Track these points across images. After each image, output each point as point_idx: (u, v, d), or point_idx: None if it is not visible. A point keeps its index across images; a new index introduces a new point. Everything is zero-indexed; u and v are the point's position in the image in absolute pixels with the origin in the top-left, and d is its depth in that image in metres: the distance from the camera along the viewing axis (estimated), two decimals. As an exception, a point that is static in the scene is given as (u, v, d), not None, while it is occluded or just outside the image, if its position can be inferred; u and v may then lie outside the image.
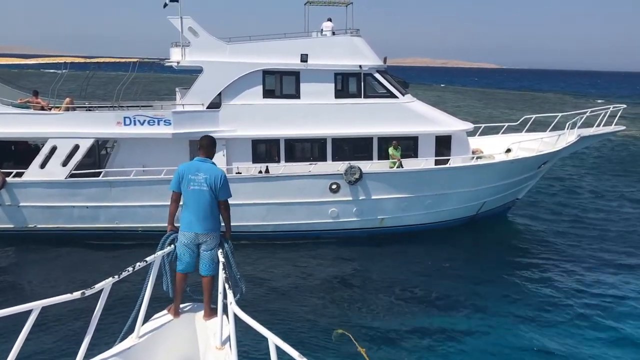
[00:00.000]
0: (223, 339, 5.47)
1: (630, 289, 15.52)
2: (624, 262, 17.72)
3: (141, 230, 17.93)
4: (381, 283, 15.57)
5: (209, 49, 18.11)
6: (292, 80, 18.57)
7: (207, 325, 6.03)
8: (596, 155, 37.46)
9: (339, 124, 18.64)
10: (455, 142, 19.52)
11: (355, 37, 19.03)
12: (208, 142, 6.46)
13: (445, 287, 15.32)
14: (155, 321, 6.01)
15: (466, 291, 15.09)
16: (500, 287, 15.48)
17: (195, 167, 6.23)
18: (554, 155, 20.22)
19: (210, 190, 6.14)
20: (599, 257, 18.03)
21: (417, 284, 15.49)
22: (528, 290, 15.30)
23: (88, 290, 4.65)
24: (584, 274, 16.54)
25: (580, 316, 13.69)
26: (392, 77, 19.94)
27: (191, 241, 6.19)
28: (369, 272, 16.45)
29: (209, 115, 18.08)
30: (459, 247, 18.70)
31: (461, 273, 16.45)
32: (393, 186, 18.41)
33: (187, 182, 6.15)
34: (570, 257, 17.96)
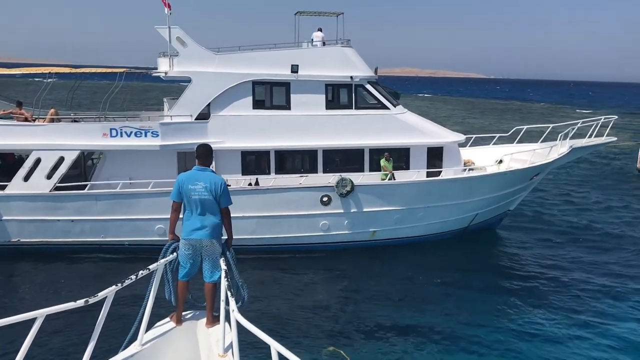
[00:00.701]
0: (225, 347, 5.50)
1: (624, 302, 15.40)
2: (616, 271, 17.70)
3: (128, 244, 17.53)
4: (372, 297, 15.27)
5: (198, 60, 17.81)
6: (283, 91, 18.31)
7: (209, 332, 6.06)
8: (585, 165, 37.55)
9: (329, 136, 18.39)
10: (447, 154, 19.34)
11: (346, 47, 18.83)
12: (204, 150, 6.48)
13: (437, 302, 15.09)
14: (158, 329, 6.05)
15: (458, 305, 14.86)
16: (492, 301, 15.25)
17: (194, 177, 6.28)
18: (547, 166, 20.10)
19: (211, 199, 6.21)
20: (591, 268, 17.99)
21: (408, 299, 15.22)
22: (521, 304, 15.07)
23: (91, 299, 4.65)
24: (576, 285, 16.43)
25: (572, 327, 13.64)
26: (384, 88, 19.76)
27: (193, 249, 6.24)
28: (360, 286, 16.13)
29: (197, 126, 17.75)
30: (451, 260, 18.43)
31: (453, 287, 16.16)
32: (385, 198, 18.15)
33: (187, 192, 6.21)
34: (561, 269, 17.84)
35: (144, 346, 5.60)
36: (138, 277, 5.37)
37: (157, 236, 17.47)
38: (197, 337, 6.10)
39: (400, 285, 16.19)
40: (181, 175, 6.42)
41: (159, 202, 17.13)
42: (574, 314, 14.46)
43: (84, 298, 4.62)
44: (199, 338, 6.08)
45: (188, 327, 6.24)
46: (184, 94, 17.89)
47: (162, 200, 17.10)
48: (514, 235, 21.58)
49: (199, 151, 6.48)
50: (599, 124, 21.50)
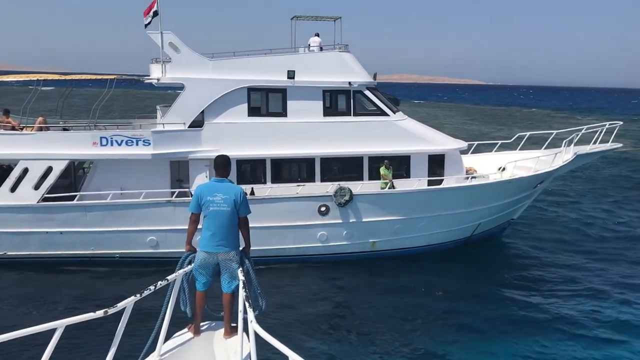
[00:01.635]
0: (244, 358, 5.45)
1: (628, 309, 15.01)
2: (619, 280, 17.24)
3: (119, 257, 16.93)
4: (373, 311, 14.71)
5: (191, 65, 17.27)
6: (279, 98, 17.76)
7: (227, 343, 6.03)
8: (587, 171, 37.00)
9: (327, 143, 17.82)
10: (449, 162, 18.77)
11: (344, 52, 18.30)
12: (222, 161, 6.49)
13: (439, 314, 14.55)
14: (176, 339, 6.06)
15: (461, 318, 14.33)
16: (497, 313, 14.70)
17: (213, 188, 6.28)
18: (551, 174, 19.53)
19: (230, 210, 6.18)
20: (596, 277, 17.58)
21: (410, 311, 14.63)
22: (525, 315, 14.59)
23: (111, 309, 4.66)
24: (582, 296, 16.02)
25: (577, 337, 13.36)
26: (383, 94, 19.22)
27: (210, 260, 6.23)
28: (360, 299, 15.54)
29: (190, 134, 17.18)
30: (453, 271, 17.83)
31: (455, 299, 15.61)
32: (385, 208, 17.56)
33: (206, 204, 6.19)
34: (569, 280, 17.29)
35: (162, 357, 5.61)
36: (157, 288, 5.36)
37: (149, 248, 16.88)
38: (215, 348, 6.02)
39: (402, 297, 15.59)
40: (200, 186, 6.42)
41: (151, 213, 16.55)
42: (583, 327, 13.98)
43: (104, 309, 4.61)
44: (217, 349, 6.00)
45: (206, 338, 6.21)
46: (176, 101, 17.33)
47: (154, 211, 16.54)
48: (518, 245, 21.02)
49: (217, 162, 6.49)
50: (604, 130, 20.96)
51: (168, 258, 16.81)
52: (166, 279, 5.67)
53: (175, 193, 16.71)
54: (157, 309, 5.79)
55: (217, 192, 6.23)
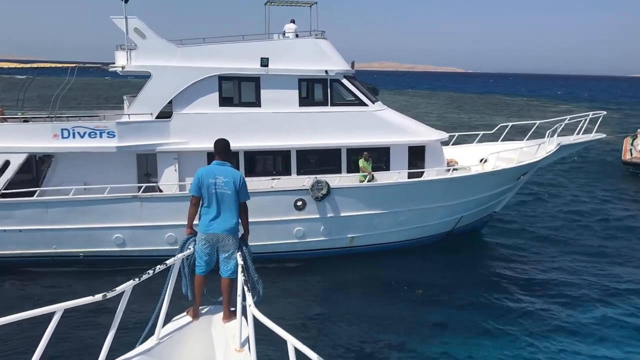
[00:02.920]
0: (242, 341, 5.50)
1: (611, 302, 14.80)
2: (601, 272, 17.04)
3: (83, 256, 16.00)
4: (351, 309, 14.08)
5: (158, 53, 16.28)
6: (252, 87, 16.87)
7: (226, 327, 6.07)
8: (569, 161, 36.76)
9: (304, 135, 17.01)
10: (430, 153, 18.11)
11: (320, 39, 17.44)
12: (223, 145, 6.52)
13: (421, 312, 14.01)
14: (175, 323, 6.07)
15: (444, 315, 13.83)
16: (481, 310, 14.19)
17: (214, 171, 6.33)
18: (534, 165, 19.00)
19: (230, 193, 6.23)
20: (578, 268, 17.31)
21: (390, 310, 14.03)
22: (509, 311, 14.15)
23: (109, 293, 4.67)
24: (563, 289, 15.66)
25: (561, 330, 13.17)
26: (361, 84, 18.44)
27: (210, 243, 6.23)
28: (338, 297, 14.88)
29: (158, 125, 16.25)
30: (435, 267, 17.21)
31: (438, 296, 15.02)
32: (364, 202, 16.85)
33: (207, 187, 6.23)
34: (551, 272, 17.00)
35: (161, 340, 5.61)
36: (155, 272, 5.34)
37: (115, 246, 15.98)
38: (213, 332, 6.07)
39: (382, 295, 14.97)
40: (200, 169, 6.42)
41: (117, 209, 15.63)
42: (566, 323, 13.63)
43: (103, 292, 4.62)
44: (216, 333, 6.05)
45: (205, 322, 6.23)
46: (142, 90, 16.34)
47: (120, 207, 15.63)
48: (500, 238, 20.51)
49: (217, 146, 6.50)
50: (587, 120, 20.51)
51: (135, 257, 15.99)
52: (165, 263, 5.64)
53: (142, 188, 15.80)
54: (156, 293, 5.77)
55: (218, 174, 6.27)
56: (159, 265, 5.54)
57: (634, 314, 14.12)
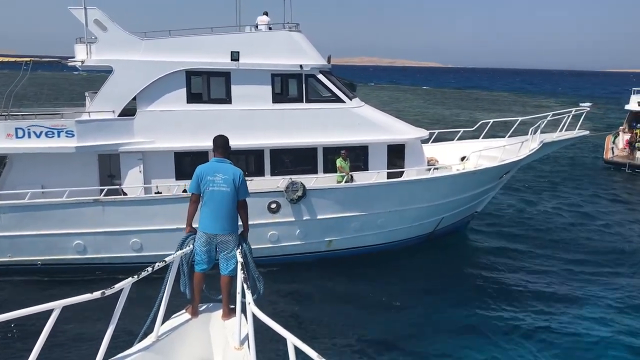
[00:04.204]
0: (241, 339, 5.48)
1: (595, 302, 14.54)
2: (585, 272, 16.79)
3: (41, 264, 14.92)
4: (327, 316, 13.40)
5: (120, 46, 15.23)
6: (222, 82, 15.91)
7: (225, 325, 6.03)
8: (550, 159, 36.42)
9: (278, 133, 16.11)
10: (409, 152, 17.34)
11: (294, 32, 16.51)
12: (223, 141, 6.45)
13: (399, 318, 13.46)
14: (174, 321, 6.01)
15: (424, 321, 13.32)
16: (462, 314, 13.69)
17: (213, 168, 6.25)
18: (517, 164, 18.35)
19: (229, 190, 6.14)
20: (561, 268, 16.99)
21: (367, 317, 13.36)
22: (490, 319, 13.53)
23: (108, 290, 4.62)
24: (545, 288, 15.43)
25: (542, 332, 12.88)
26: (338, 79, 17.58)
27: (209, 241, 6.19)
28: (315, 305, 14.09)
29: (121, 124, 15.21)
30: (415, 270, 16.53)
31: (417, 301, 14.42)
32: (341, 204, 16.01)
33: (206, 184, 6.16)
34: (534, 273, 16.61)
35: (160, 338, 5.58)
36: (154, 269, 5.29)
37: (76, 254, 14.94)
38: (213, 330, 6.05)
39: (360, 301, 14.20)
40: (200, 166, 6.36)
41: (76, 214, 14.57)
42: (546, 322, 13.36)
43: (101, 290, 4.56)
44: (215, 330, 6.02)
45: (204, 319, 6.19)
46: (104, 86, 15.28)
47: (80, 211, 14.58)
48: (482, 238, 19.95)
49: (216, 142, 6.43)
50: (570, 116, 19.94)
51: (98, 264, 14.99)
52: (164, 260, 5.58)
53: (104, 191, 14.76)
54: (155, 290, 5.70)
55: (217, 172, 6.20)
56: (157, 263, 5.44)
57: (617, 312, 13.93)
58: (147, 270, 5.23)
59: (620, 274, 16.75)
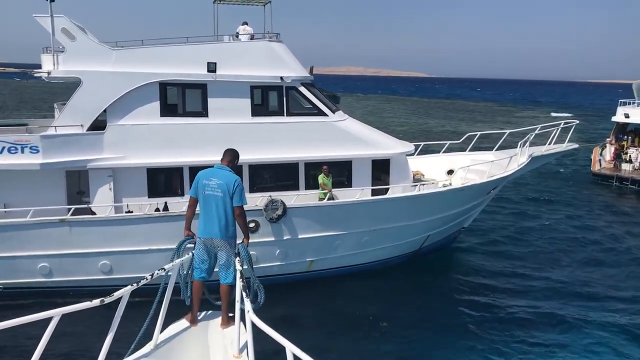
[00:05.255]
0: (240, 348, 5.47)
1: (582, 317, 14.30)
2: (572, 287, 16.54)
3: (3, 288, 13.97)
4: (310, 342, 12.46)
5: (89, 56, 14.40)
6: (198, 95, 15.13)
7: (224, 333, 6.03)
8: (538, 171, 36.11)
9: (257, 148, 15.34)
10: (395, 167, 16.66)
11: (274, 42, 15.82)
12: (232, 152, 6.70)
13: (386, 341, 12.78)
14: (173, 329, 6.02)
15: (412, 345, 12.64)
16: (449, 337, 13.14)
17: (210, 173, 6.40)
18: (506, 179, 17.76)
19: (222, 196, 6.19)
20: (547, 285, 16.70)
21: (351, 343, 12.60)
22: (481, 334, 13.22)
23: (107, 298, 4.58)
24: (534, 303, 15.17)
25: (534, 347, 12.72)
26: (321, 91, 16.90)
27: (207, 247, 6.26)
28: (296, 329, 13.22)
29: (90, 139, 14.36)
30: (398, 292, 15.77)
31: (404, 324, 13.65)
32: (323, 222, 15.25)
33: (202, 188, 6.28)
34: (524, 292, 16.15)
35: (159, 346, 5.56)
36: (153, 277, 5.27)
37: (41, 277, 14.00)
38: (212, 338, 6.03)
39: (344, 326, 13.41)
40: (201, 171, 6.50)
41: (42, 234, 13.66)
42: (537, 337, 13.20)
43: (100, 297, 4.52)
44: (214, 339, 6.00)
45: (203, 327, 6.20)
46: (72, 99, 14.41)
47: (45, 232, 13.68)
48: (469, 254, 19.42)
49: (225, 152, 6.70)
50: (559, 129, 19.47)
51: (64, 288, 14.07)
52: (163, 268, 5.56)
53: (71, 210, 13.86)
54: (154, 298, 5.65)
55: (213, 177, 6.31)
56: (157, 271, 5.41)
57: (609, 323, 13.89)
58: (146, 278, 5.20)
59: (608, 288, 16.57)
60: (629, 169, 32.26)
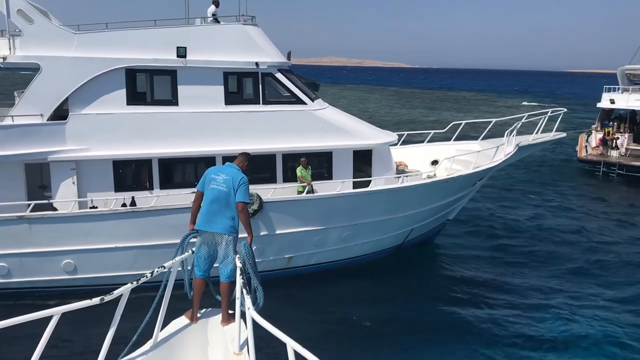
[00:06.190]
0: (241, 344, 5.47)
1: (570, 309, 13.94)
2: (560, 279, 16.19)
3: (-42, 291, 12.99)
4: (281, 348, 11.76)
5: (49, 40, 13.37)
6: (167, 82, 14.19)
7: (225, 330, 6.05)
8: (524, 159, 35.71)
9: (231, 138, 14.47)
10: (377, 158, 15.90)
11: (249, 25, 14.91)
12: (245, 155, 6.92)
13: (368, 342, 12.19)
14: (173, 326, 6.04)
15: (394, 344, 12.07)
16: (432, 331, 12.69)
17: (220, 169, 6.57)
18: (492, 169, 17.10)
19: (226, 191, 6.26)
20: (533, 275, 16.41)
21: (331, 342, 11.88)
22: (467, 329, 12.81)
23: (107, 297, 4.58)
24: (520, 297, 14.75)
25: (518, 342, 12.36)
26: (299, 78, 16.06)
27: (207, 242, 6.28)
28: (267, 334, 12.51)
29: (51, 129, 13.38)
30: (382, 289, 15.05)
31: (386, 322, 13.04)
32: (302, 217, 14.47)
33: (208, 182, 6.37)
34: (507, 280, 15.88)
35: (160, 344, 5.56)
36: (153, 275, 5.27)
37: (0, 278, 13.04)
38: (212, 335, 6.01)
39: (323, 325, 12.72)
40: (211, 167, 6.73)
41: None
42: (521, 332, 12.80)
43: (100, 296, 4.51)
44: (215, 336, 6.00)
45: (203, 324, 6.21)
46: (30, 86, 13.36)
47: (4, 230, 12.75)
48: (453, 247, 18.83)
49: (239, 154, 6.97)
50: (546, 118, 18.89)
51: (25, 289, 13.14)
52: (163, 265, 5.56)
53: (31, 206, 12.89)
54: (154, 296, 5.62)
55: (221, 172, 6.42)
56: (156, 268, 5.42)
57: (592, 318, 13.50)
58: (146, 275, 5.18)
59: (597, 279, 16.36)
60: (615, 154, 32.03)
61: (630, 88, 33.86)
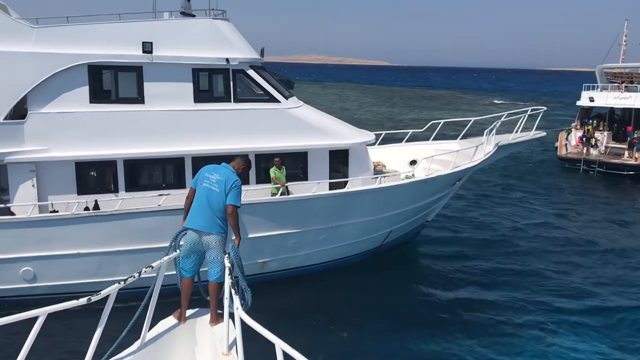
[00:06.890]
0: (229, 345, 5.44)
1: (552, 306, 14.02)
2: (541, 276, 16.08)
3: None
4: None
5: (5, 34, 12.61)
6: (132, 79, 13.51)
7: (213, 330, 6.03)
8: (504, 158, 35.61)
9: (200, 138, 13.87)
10: (354, 158, 15.41)
11: (219, 20, 14.28)
12: (243, 159, 6.86)
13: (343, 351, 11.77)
14: (161, 326, 5.99)
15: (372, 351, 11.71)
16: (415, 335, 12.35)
17: (214, 169, 6.45)
18: (472, 169, 16.73)
19: (218, 192, 6.22)
20: (516, 274, 16.24)
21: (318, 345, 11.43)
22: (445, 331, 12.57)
23: (94, 297, 4.51)
24: (501, 298, 14.57)
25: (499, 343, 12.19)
26: (273, 75, 15.49)
27: (194, 241, 6.22)
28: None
29: (7, 129, 12.64)
30: (358, 294, 14.58)
31: (363, 328, 12.62)
32: (276, 220, 13.91)
33: (201, 180, 6.34)
34: (492, 284, 15.56)
35: (147, 344, 5.54)
36: (141, 275, 5.23)
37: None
38: (200, 335, 6.00)
39: (296, 333, 12.08)
40: (206, 165, 6.53)
41: None
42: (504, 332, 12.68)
43: (87, 296, 4.41)
44: (203, 336, 5.98)
45: (192, 325, 6.18)
46: None
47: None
48: (433, 248, 18.43)
49: (237, 156, 6.93)
50: (526, 117, 18.58)
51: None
52: (150, 265, 5.50)
53: (-14, 211, 12.14)
54: (143, 296, 5.49)
55: (215, 172, 6.36)
56: (144, 268, 5.39)
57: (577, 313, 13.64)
58: (133, 276, 5.11)
59: (579, 276, 16.26)
60: (595, 152, 32.06)
61: (609, 86, 33.93)
